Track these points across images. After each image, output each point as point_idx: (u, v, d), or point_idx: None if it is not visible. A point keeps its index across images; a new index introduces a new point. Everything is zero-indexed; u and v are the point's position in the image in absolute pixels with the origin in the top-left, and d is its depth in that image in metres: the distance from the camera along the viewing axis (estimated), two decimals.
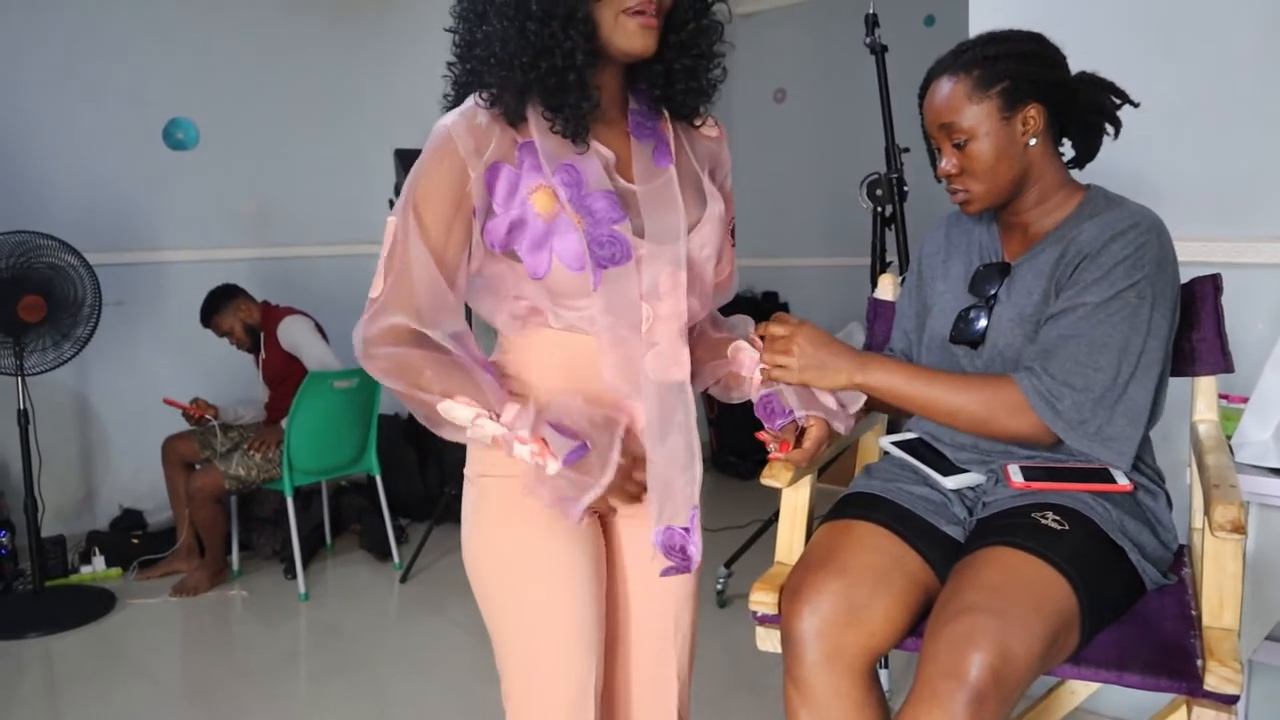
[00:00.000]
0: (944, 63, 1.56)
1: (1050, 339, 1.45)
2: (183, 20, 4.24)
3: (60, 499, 3.89)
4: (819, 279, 5.24)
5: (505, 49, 1.17)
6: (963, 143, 1.52)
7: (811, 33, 5.42)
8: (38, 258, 3.29)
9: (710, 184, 1.35)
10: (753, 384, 1.44)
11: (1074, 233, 1.51)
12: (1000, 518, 1.45)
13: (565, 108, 1.19)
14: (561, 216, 1.20)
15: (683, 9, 1.25)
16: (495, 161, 1.21)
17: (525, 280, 1.24)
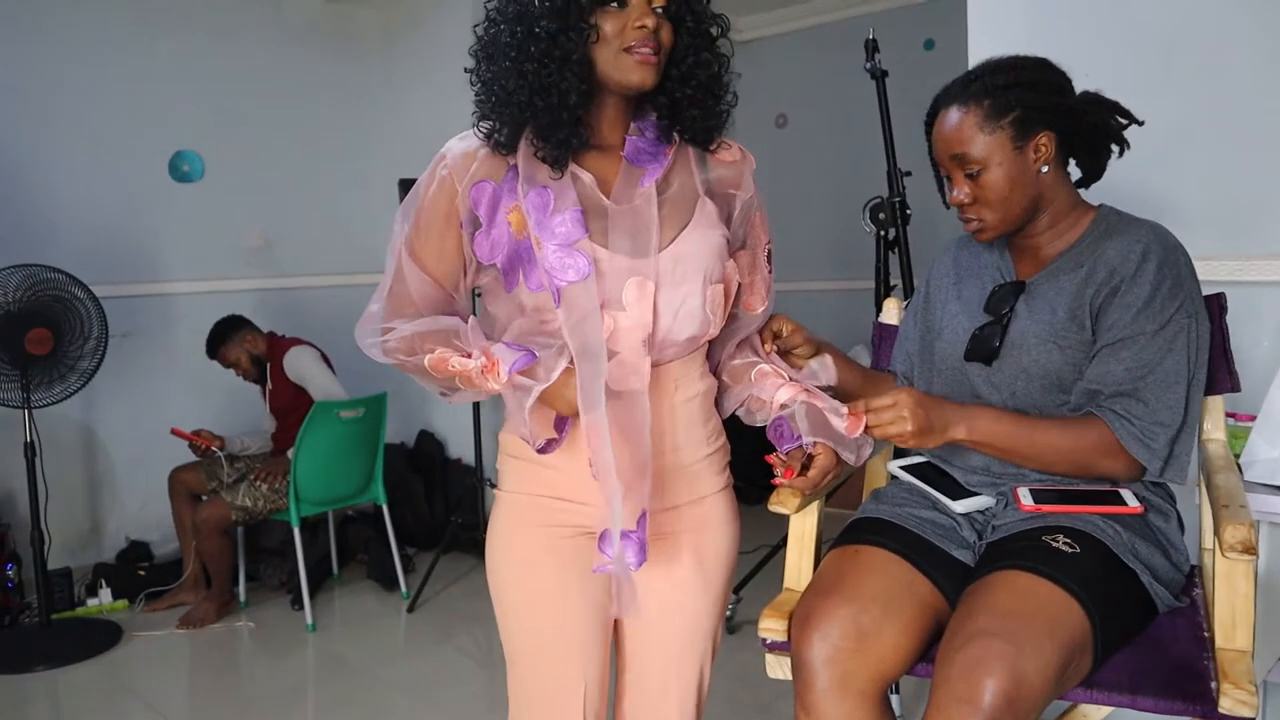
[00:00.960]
0: (953, 92, 1.56)
1: (1120, 376, 1.46)
2: (188, 54, 4.27)
3: (67, 531, 3.88)
4: (823, 303, 5.24)
5: (505, 87, 1.26)
6: (975, 173, 1.52)
7: (812, 58, 5.46)
8: (45, 291, 3.31)
9: (708, 204, 1.36)
10: (773, 407, 1.44)
11: (1095, 251, 1.52)
12: (1010, 541, 1.44)
13: (555, 138, 1.27)
14: (528, 238, 1.27)
15: (684, 44, 1.30)
16: (482, 179, 1.30)
17: (501, 294, 1.34)
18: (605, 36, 1.24)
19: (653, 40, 1.25)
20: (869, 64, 2.88)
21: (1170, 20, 2.19)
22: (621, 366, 1.28)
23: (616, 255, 1.27)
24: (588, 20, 1.23)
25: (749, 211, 1.44)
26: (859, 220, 2.99)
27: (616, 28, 1.24)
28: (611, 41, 1.24)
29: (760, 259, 1.46)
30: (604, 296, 1.26)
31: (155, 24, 4.16)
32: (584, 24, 1.23)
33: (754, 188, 1.45)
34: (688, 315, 1.32)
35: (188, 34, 4.27)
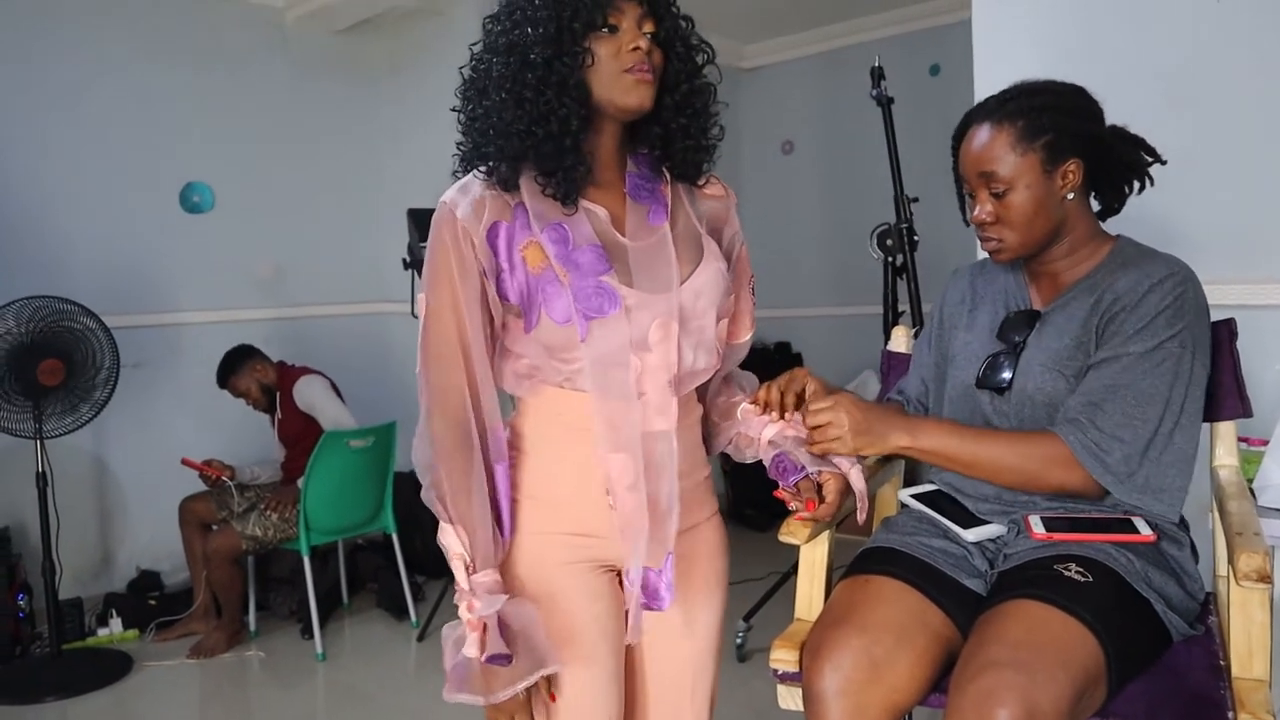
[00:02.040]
0: (987, 108, 1.55)
1: (1094, 389, 1.45)
2: (199, 86, 4.31)
3: (77, 561, 3.89)
4: (830, 329, 5.24)
5: (503, 119, 1.25)
6: (1001, 192, 1.51)
7: (818, 85, 5.48)
8: (57, 322, 3.33)
9: (710, 240, 1.38)
10: (761, 444, 1.45)
11: (1107, 281, 1.52)
12: (1022, 570, 1.43)
13: (559, 171, 1.25)
14: (548, 271, 1.25)
15: (676, 71, 1.31)
16: (495, 221, 1.27)
17: (521, 335, 1.30)
18: (600, 60, 1.24)
19: (646, 61, 1.26)
20: (875, 91, 2.90)
21: (1177, 46, 2.20)
22: (648, 407, 1.28)
23: (641, 294, 1.26)
24: (581, 45, 1.24)
25: (735, 245, 1.46)
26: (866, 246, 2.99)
27: (610, 52, 1.25)
28: (607, 65, 1.25)
29: (745, 291, 1.47)
30: (630, 337, 1.25)
31: (166, 56, 4.21)
32: (578, 49, 1.23)
33: (738, 223, 1.47)
34: (705, 348, 1.34)
35: (198, 66, 4.31)
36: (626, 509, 1.26)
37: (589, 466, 1.29)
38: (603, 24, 1.24)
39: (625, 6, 1.25)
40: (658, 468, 1.28)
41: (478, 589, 1.24)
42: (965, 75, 2.46)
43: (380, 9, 4.49)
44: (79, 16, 3.97)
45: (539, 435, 1.34)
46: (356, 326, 4.84)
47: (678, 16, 1.32)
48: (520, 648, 1.24)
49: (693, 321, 1.31)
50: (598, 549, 1.32)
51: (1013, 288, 1.65)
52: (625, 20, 1.25)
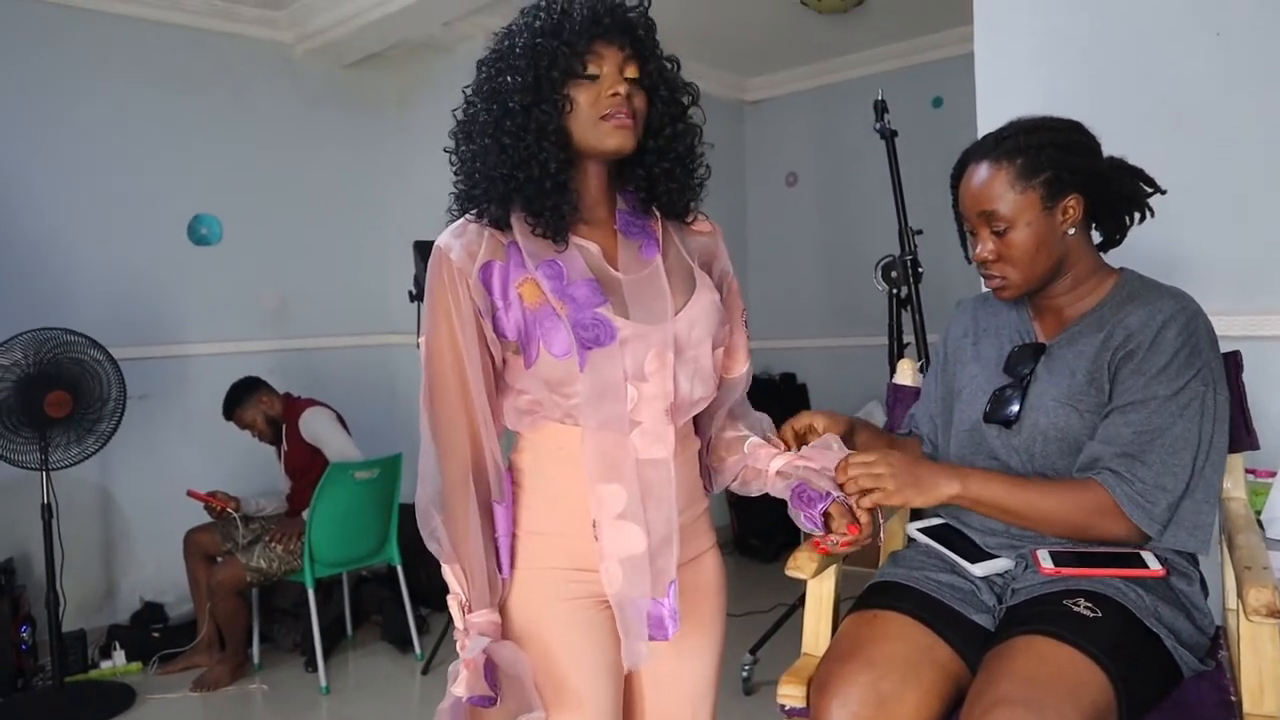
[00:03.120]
0: (985, 146, 1.56)
1: (1127, 438, 1.44)
2: (207, 118, 4.35)
3: (81, 593, 3.88)
4: (835, 360, 5.24)
5: (487, 163, 1.29)
6: (1003, 230, 1.52)
7: (821, 117, 5.52)
8: (64, 353, 3.34)
9: (701, 272, 1.40)
10: (769, 477, 1.45)
11: (1116, 316, 1.52)
12: (1031, 605, 1.43)
13: (545, 211, 1.28)
14: (545, 305, 1.27)
15: (659, 114, 1.34)
16: (488, 261, 1.30)
17: (521, 371, 1.31)
18: (579, 107, 1.28)
19: (626, 106, 1.28)
20: (878, 124, 2.92)
21: (1178, 78, 2.21)
22: (645, 436, 1.29)
23: (636, 325, 1.28)
24: (560, 92, 1.27)
25: (725, 279, 1.47)
26: (870, 278, 3.00)
27: (590, 98, 1.28)
28: (586, 111, 1.28)
29: (738, 325, 1.49)
30: (626, 368, 1.27)
31: (175, 89, 4.25)
32: (556, 96, 1.27)
33: (726, 257, 1.50)
34: (701, 378, 1.36)
35: (208, 99, 4.35)
36: (611, 538, 1.27)
37: (586, 501, 1.30)
38: (582, 71, 1.27)
39: (605, 53, 1.29)
40: (655, 496, 1.29)
41: (471, 629, 1.27)
42: (968, 107, 2.48)
43: (387, 44, 4.54)
44: (88, 49, 4.02)
45: (539, 470, 1.35)
46: (362, 358, 4.85)
47: (661, 59, 1.35)
48: (506, 691, 1.25)
49: (688, 351, 1.32)
50: (596, 584, 1.32)
51: (1016, 321, 1.66)
52: (606, 66, 1.29)
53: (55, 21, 3.93)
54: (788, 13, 4.51)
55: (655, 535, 1.28)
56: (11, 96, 3.85)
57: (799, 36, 4.94)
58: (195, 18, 4.29)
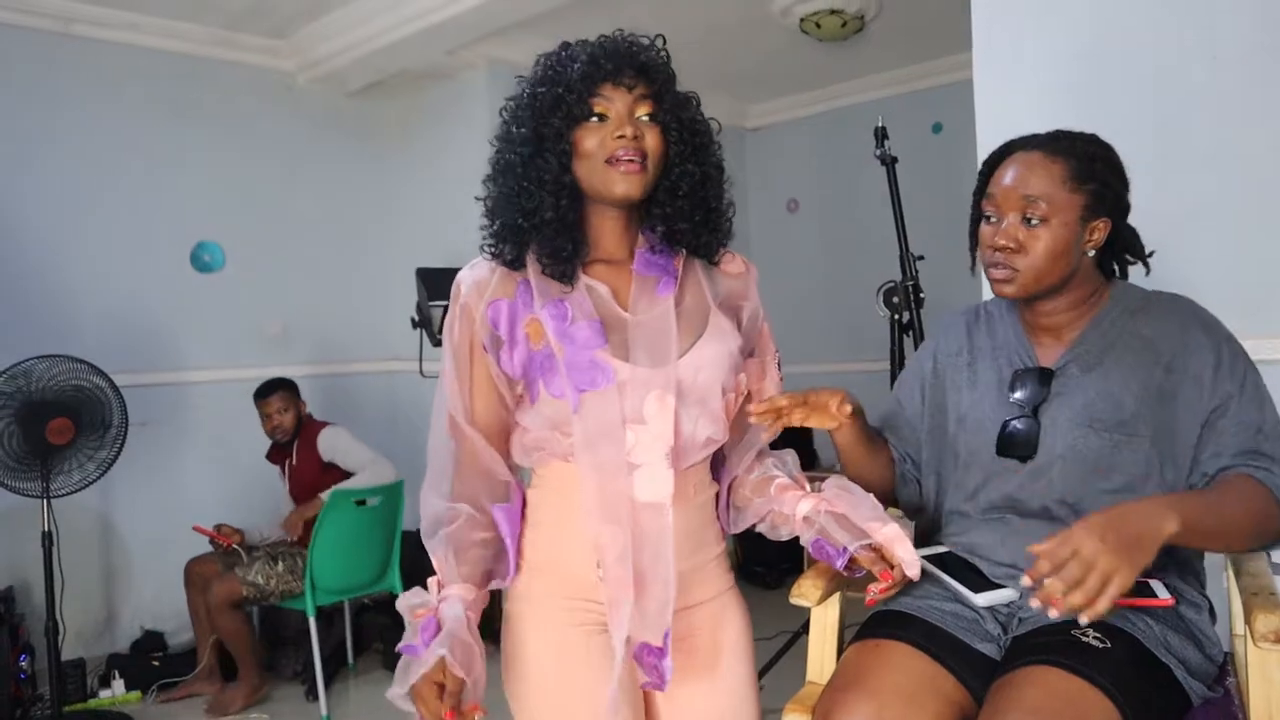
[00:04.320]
0: (1040, 139, 1.53)
1: (1234, 444, 1.41)
2: (212, 146, 4.38)
3: (81, 621, 3.86)
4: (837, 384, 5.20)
5: (503, 209, 1.33)
6: (1035, 222, 1.47)
7: (821, 144, 5.55)
8: (66, 380, 3.34)
9: (720, 314, 1.39)
10: (796, 521, 1.42)
11: (1125, 330, 1.50)
12: (1038, 635, 1.41)
13: (558, 253, 1.31)
14: (547, 346, 1.29)
15: (674, 153, 1.33)
16: (496, 298, 1.33)
17: (527, 408, 1.35)
18: (585, 153, 1.28)
19: (634, 148, 1.27)
20: (879, 150, 2.93)
21: (1178, 104, 2.22)
22: (643, 479, 1.29)
23: (637, 368, 1.29)
24: (565, 140, 1.28)
25: (756, 321, 1.47)
26: (871, 303, 3.00)
27: (596, 141, 1.28)
28: (593, 156, 1.28)
29: (770, 367, 1.48)
30: (625, 410, 1.27)
31: (178, 117, 4.28)
32: (560, 145, 1.28)
33: (758, 298, 1.49)
34: (707, 422, 1.35)
35: (211, 127, 4.39)
36: (613, 580, 1.27)
37: (587, 538, 1.30)
38: (589, 115, 1.28)
39: (613, 95, 1.28)
40: (652, 541, 1.28)
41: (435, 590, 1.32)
42: (968, 133, 2.48)
43: (390, 72, 4.58)
44: (92, 77, 4.05)
45: (545, 505, 1.37)
46: (364, 385, 4.86)
47: (677, 97, 1.34)
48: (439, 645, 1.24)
49: (692, 395, 1.32)
50: (602, 613, 1.31)
51: (1014, 342, 1.61)
52: (614, 108, 1.28)
53: (60, 50, 3.97)
54: (788, 40, 4.55)
55: (643, 580, 1.27)
56: (15, 123, 3.88)
57: (799, 63, 4.97)
58: (199, 46, 4.33)
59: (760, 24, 4.41)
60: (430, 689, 1.21)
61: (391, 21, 4.05)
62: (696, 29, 4.33)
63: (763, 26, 4.43)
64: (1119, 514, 1.23)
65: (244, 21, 4.27)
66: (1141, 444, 1.46)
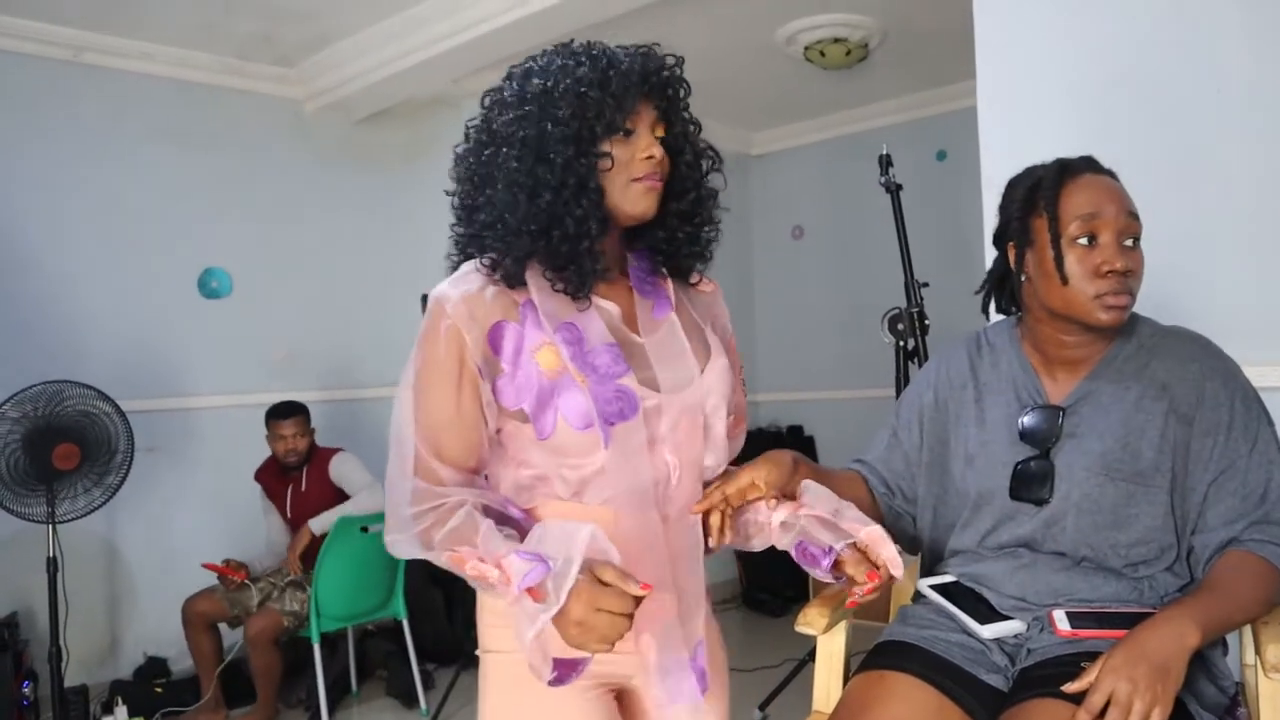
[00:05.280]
0: (1097, 165, 1.51)
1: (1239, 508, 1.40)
2: (219, 173, 4.40)
3: (84, 647, 3.84)
4: (842, 411, 5.24)
5: (514, 216, 1.20)
6: (1134, 243, 1.44)
7: (826, 171, 5.57)
8: (73, 406, 3.34)
9: (713, 335, 1.38)
10: (772, 529, 1.38)
11: (1142, 370, 1.48)
12: (1046, 667, 1.39)
13: (570, 269, 1.21)
14: (565, 375, 1.20)
15: (682, 177, 1.30)
16: (499, 321, 1.22)
17: (531, 443, 1.24)
18: (616, 165, 1.22)
19: (658, 170, 1.25)
20: (883, 178, 2.94)
21: (1180, 130, 2.22)
22: (673, 504, 1.27)
23: (660, 395, 1.25)
24: (599, 148, 1.21)
25: (726, 338, 1.43)
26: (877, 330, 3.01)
27: (625, 157, 1.23)
28: (622, 171, 1.23)
29: (739, 383, 1.42)
30: (653, 435, 1.23)
31: (186, 144, 4.30)
32: (595, 151, 1.21)
33: (726, 315, 1.46)
34: (716, 447, 1.32)
35: (218, 154, 4.40)
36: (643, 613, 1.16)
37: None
38: (621, 127, 1.22)
39: (642, 110, 1.24)
40: (688, 560, 1.27)
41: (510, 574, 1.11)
42: (972, 161, 2.50)
43: (397, 100, 4.61)
44: (101, 105, 4.08)
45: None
46: (369, 411, 4.85)
47: (688, 122, 1.31)
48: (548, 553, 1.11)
49: (711, 419, 1.30)
50: (601, 663, 1.21)
51: (1021, 377, 1.56)
52: (641, 124, 1.24)
53: (70, 78, 4.00)
54: (793, 68, 4.58)
55: (686, 599, 1.25)
56: (24, 150, 3.90)
57: (804, 91, 5.00)
58: (208, 75, 4.36)
59: (765, 52, 4.44)
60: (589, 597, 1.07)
61: (398, 51, 4.08)
62: (701, 57, 4.33)
63: (767, 55, 4.46)
64: (1140, 644, 1.24)
65: (253, 50, 4.30)
66: (1158, 494, 1.45)
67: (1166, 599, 1.44)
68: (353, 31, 4.14)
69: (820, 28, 4.18)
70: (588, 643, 1.09)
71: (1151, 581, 1.46)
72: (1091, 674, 1.24)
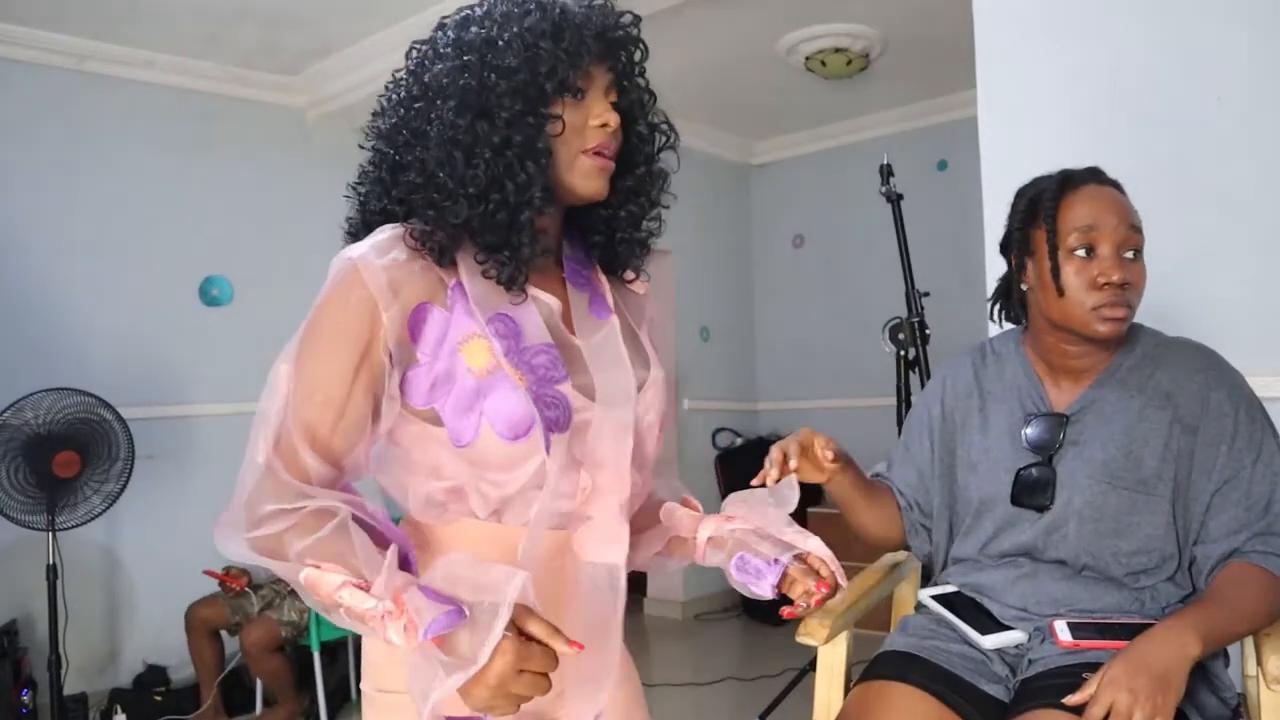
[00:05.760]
0: (1101, 175, 1.51)
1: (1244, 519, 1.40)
2: (220, 181, 4.40)
3: (84, 655, 3.83)
4: (842, 420, 5.23)
5: (451, 177, 1.02)
6: (1134, 256, 1.44)
7: (827, 180, 5.58)
8: (74, 413, 3.35)
9: (649, 345, 1.21)
10: (697, 547, 1.25)
11: (1146, 379, 1.48)
12: (1048, 678, 1.38)
13: (505, 248, 1.03)
14: (499, 373, 1.02)
15: (631, 150, 1.14)
16: (423, 302, 1.03)
17: (445, 449, 1.03)
18: (567, 129, 1.05)
19: (612, 141, 1.08)
20: (884, 187, 2.95)
21: (1181, 144, 2.22)
22: (594, 533, 1.08)
23: (597, 406, 1.06)
24: (549, 108, 1.04)
25: (655, 343, 1.25)
26: (877, 339, 3.01)
27: (577, 122, 1.06)
28: (572, 139, 1.06)
29: (670, 391, 1.30)
30: (580, 454, 1.05)
31: (189, 152, 4.31)
32: (545, 112, 1.03)
33: (655, 318, 1.30)
34: (646, 468, 1.16)
35: (219, 162, 4.41)
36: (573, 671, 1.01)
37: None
38: (573, 86, 1.05)
39: (595, 72, 1.07)
40: (603, 610, 1.07)
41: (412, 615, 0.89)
42: (973, 171, 2.50)
43: None
44: (105, 114, 4.09)
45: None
46: None
47: (644, 90, 1.14)
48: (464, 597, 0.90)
49: (641, 439, 1.12)
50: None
51: (1025, 384, 1.57)
52: (593, 88, 1.07)
53: (73, 87, 4.01)
54: (794, 77, 4.59)
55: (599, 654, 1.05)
56: (27, 158, 3.91)
57: (805, 101, 5.01)
58: (212, 83, 4.37)
59: (766, 62, 4.45)
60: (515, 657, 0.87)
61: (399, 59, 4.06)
62: (703, 67, 4.37)
63: (769, 64, 4.48)
64: (1140, 655, 1.24)
65: (256, 59, 4.32)
66: (1160, 503, 1.45)
67: (1168, 610, 1.44)
68: (355, 40, 4.16)
69: (821, 38, 4.19)
70: (497, 706, 0.88)
71: (1153, 591, 1.46)
72: (1092, 685, 1.24)
